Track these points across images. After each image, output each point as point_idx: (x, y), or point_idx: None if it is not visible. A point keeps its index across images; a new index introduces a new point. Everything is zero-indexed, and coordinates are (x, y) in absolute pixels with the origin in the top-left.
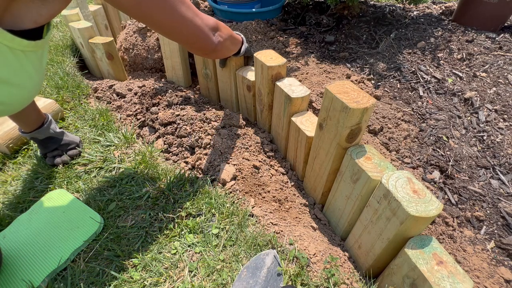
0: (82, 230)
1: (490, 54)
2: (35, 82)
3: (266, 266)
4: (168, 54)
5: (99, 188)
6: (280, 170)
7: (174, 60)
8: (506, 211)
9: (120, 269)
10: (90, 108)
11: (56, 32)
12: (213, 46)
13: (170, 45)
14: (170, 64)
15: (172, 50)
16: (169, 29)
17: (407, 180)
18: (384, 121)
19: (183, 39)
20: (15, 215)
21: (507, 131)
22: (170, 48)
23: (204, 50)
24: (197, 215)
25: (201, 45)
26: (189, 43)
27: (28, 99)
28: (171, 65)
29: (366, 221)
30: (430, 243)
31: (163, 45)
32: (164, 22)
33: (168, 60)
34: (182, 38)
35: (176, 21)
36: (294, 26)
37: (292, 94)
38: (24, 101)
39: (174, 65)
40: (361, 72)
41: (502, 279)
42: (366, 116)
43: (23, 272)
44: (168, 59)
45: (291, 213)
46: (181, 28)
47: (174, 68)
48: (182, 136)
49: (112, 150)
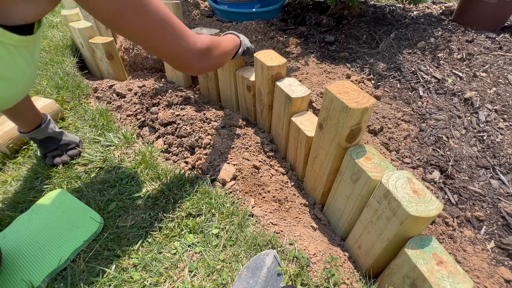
0: (82, 230)
1: (490, 54)
2: (28, 76)
3: (266, 266)
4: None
5: (99, 188)
6: (280, 170)
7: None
8: (506, 211)
9: (120, 269)
10: (90, 108)
11: (56, 32)
12: (195, 69)
13: None
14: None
15: None
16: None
17: (407, 180)
18: (384, 121)
19: (163, 58)
20: (15, 215)
21: (507, 131)
22: None
23: (186, 71)
24: (197, 215)
25: (182, 67)
26: (170, 63)
27: (21, 94)
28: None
29: (366, 221)
30: (430, 243)
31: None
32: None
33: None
34: (163, 57)
35: (155, 43)
36: (294, 26)
37: (292, 94)
38: (17, 95)
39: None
40: (361, 72)
41: (502, 279)
42: (366, 116)
43: (23, 272)
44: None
45: (291, 213)
46: (161, 50)
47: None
48: (182, 136)
49: (112, 150)
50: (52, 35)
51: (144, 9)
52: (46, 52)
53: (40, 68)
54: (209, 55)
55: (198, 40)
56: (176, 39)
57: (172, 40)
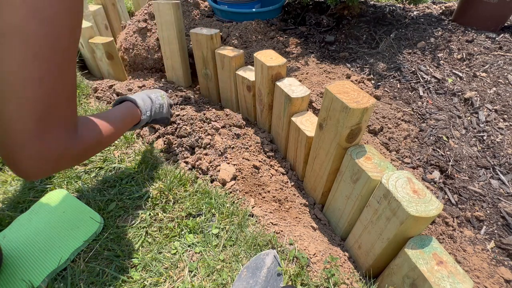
0: (82, 230)
1: (490, 54)
2: None
3: (266, 266)
4: (168, 54)
5: (99, 188)
6: (280, 170)
7: (174, 60)
8: (506, 211)
9: (120, 269)
10: (90, 108)
11: None
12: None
13: (170, 46)
14: (170, 64)
15: (172, 50)
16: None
17: (407, 180)
18: (384, 121)
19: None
20: (15, 215)
21: (507, 131)
22: (170, 48)
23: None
24: (197, 215)
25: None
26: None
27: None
28: (171, 65)
29: (366, 221)
30: (430, 243)
31: (163, 45)
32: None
33: (169, 60)
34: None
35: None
36: (294, 26)
37: (292, 94)
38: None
39: (174, 65)
40: (361, 72)
41: (502, 279)
42: (366, 116)
43: (23, 272)
44: (169, 59)
45: (291, 213)
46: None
47: (174, 68)
48: (182, 136)
49: (112, 150)
50: None
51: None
52: None
53: None
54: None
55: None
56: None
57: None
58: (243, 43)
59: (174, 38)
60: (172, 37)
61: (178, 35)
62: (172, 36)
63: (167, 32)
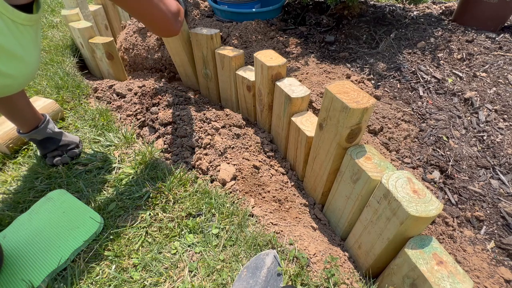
0: (82, 230)
1: (490, 54)
2: (35, 58)
3: (266, 266)
4: (179, 63)
5: (99, 188)
6: (280, 170)
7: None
8: (506, 211)
9: (120, 269)
10: (90, 108)
11: (56, 32)
12: (175, 31)
13: (180, 56)
14: (183, 72)
15: (182, 60)
16: (136, 13)
17: (407, 180)
18: (384, 121)
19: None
20: (15, 215)
21: (507, 131)
22: (180, 58)
23: (168, 34)
24: (197, 215)
25: (164, 29)
26: (154, 27)
27: (30, 75)
28: (184, 72)
29: (366, 221)
30: (430, 243)
31: (172, 56)
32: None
33: (181, 68)
34: (147, 21)
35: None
36: (294, 26)
37: (292, 94)
38: (27, 76)
39: (187, 72)
40: (361, 72)
41: (502, 279)
42: (366, 116)
43: (23, 272)
44: (181, 67)
45: (291, 213)
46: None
47: (188, 75)
48: (182, 136)
49: (112, 150)
50: (52, 35)
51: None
52: (46, 52)
53: (40, 68)
54: (180, 16)
55: (169, 2)
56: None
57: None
58: (243, 43)
59: (182, 50)
60: (179, 49)
61: (184, 46)
62: (179, 48)
63: (173, 44)
